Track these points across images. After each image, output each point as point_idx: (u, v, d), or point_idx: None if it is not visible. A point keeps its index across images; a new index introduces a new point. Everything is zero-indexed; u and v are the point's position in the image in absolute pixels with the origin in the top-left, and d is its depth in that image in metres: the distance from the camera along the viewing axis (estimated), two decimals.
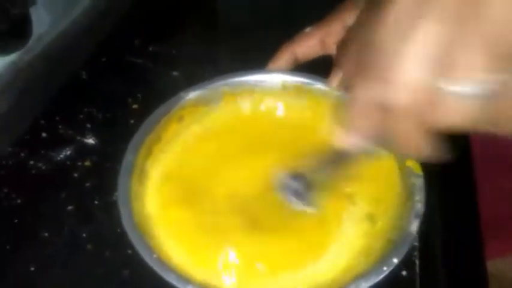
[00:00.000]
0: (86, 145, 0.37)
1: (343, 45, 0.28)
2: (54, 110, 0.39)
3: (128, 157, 0.29)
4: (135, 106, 0.41)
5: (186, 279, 0.24)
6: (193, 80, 0.44)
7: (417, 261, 0.30)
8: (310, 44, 0.32)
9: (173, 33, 0.49)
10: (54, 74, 0.36)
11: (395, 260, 0.24)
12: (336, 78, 0.31)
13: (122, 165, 0.29)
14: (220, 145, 0.32)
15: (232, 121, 0.34)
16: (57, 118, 0.39)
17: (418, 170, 0.27)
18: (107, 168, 0.36)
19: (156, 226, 0.28)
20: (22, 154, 0.36)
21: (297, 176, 0.25)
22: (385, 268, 0.24)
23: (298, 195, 0.25)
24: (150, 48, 0.47)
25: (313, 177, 0.25)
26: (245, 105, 0.34)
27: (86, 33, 0.38)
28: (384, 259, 0.24)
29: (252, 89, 0.33)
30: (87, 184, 0.34)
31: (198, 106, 0.33)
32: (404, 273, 0.29)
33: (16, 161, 0.35)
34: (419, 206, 0.26)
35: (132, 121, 0.40)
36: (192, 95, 0.33)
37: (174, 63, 0.46)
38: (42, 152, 0.37)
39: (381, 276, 0.23)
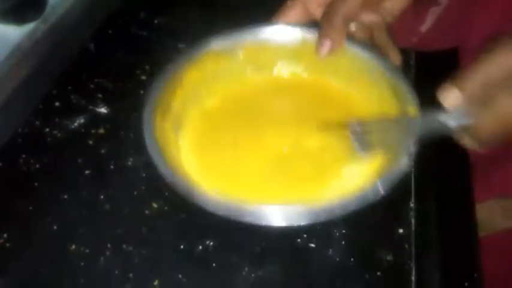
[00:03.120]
0: (99, 114, 0.39)
1: None
2: (65, 80, 0.40)
3: (151, 94, 0.31)
4: (143, 77, 0.43)
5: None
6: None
7: (413, 220, 0.32)
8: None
9: (178, 5, 0.49)
10: (67, 44, 0.37)
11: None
12: None
13: (146, 102, 0.30)
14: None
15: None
16: (69, 88, 0.40)
17: None
18: (120, 136, 0.38)
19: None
20: (37, 122, 0.37)
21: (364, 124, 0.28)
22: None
23: (359, 140, 0.28)
24: (156, 21, 0.48)
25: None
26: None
27: (97, 4, 0.39)
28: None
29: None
30: (102, 151, 0.36)
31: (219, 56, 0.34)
32: (400, 231, 0.32)
33: (32, 129, 0.37)
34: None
35: (141, 91, 0.41)
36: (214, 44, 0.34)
37: (180, 36, 0.47)
38: (57, 120, 0.38)
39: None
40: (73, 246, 0.30)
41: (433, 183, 0.34)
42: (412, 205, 0.33)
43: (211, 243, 0.31)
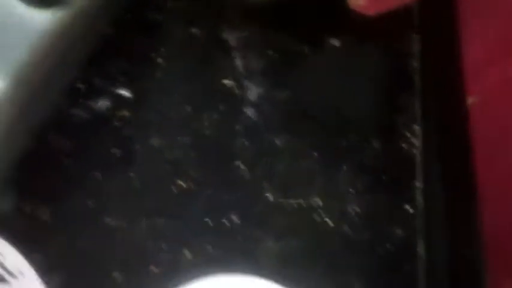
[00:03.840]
0: (121, 96, 0.41)
1: None
2: (87, 63, 0.42)
3: None
4: (159, 60, 0.44)
5: None
6: (213, 37, 0.47)
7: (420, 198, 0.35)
8: None
9: None
10: (91, 29, 0.39)
11: None
12: None
13: None
14: None
15: None
16: (92, 71, 0.42)
17: None
18: (143, 118, 0.39)
19: None
20: (64, 105, 0.39)
21: None
22: None
23: None
24: (169, 5, 0.49)
25: None
26: None
27: None
28: None
29: None
30: (127, 132, 0.38)
31: None
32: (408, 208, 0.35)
33: (59, 110, 0.38)
34: None
35: (159, 75, 0.43)
36: None
37: (192, 19, 0.48)
38: (82, 101, 0.40)
39: None
40: (110, 220, 0.32)
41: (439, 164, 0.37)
42: (418, 184, 0.36)
43: (235, 217, 0.33)
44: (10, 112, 0.31)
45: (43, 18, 0.33)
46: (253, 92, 0.42)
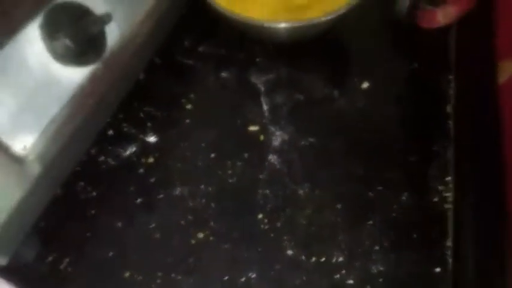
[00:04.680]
0: (148, 143, 0.42)
1: None
2: (117, 109, 0.43)
3: None
4: (188, 106, 0.45)
5: None
6: (242, 81, 0.47)
7: (450, 260, 0.33)
8: None
9: (220, 33, 0.51)
10: (123, 80, 0.40)
11: None
12: None
13: None
14: None
15: None
16: (121, 117, 0.43)
17: None
18: (169, 165, 0.40)
19: None
20: (93, 151, 0.40)
21: None
22: None
23: None
24: (200, 49, 0.50)
25: None
26: None
27: (149, 40, 0.41)
28: None
29: None
30: (152, 179, 0.39)
31: None
32: (437, 270, 0.33)
33: (88, 157, 0.40)
34: None
35: (187, 121, 0.44)
36: None
37: (222, 64, 0.49)
38: (110, 148, 0.41)
39: None
40: (127, 273, 0.32)
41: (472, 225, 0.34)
42: (449, 244, 0.34)
43: (254, 276, 0.33)
44: (39, 167, 0.32)
45: (77, 75, 0.35)
46: (278, 138, 0.42)
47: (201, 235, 0.35)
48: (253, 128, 0.43)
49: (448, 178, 0.37)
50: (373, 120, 0.43)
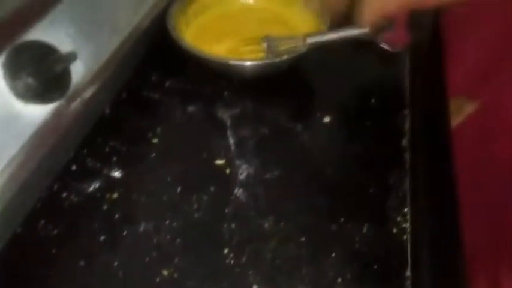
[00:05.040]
0: (113, 178, 0.41)
1: None
2: (81, 143, 0.43)
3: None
4: (155, 140, 0.45)
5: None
6: (208, 115, 0.48)
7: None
8: None
9: (188, 68, 0.52)
10: (88, 115, 0.40)
11: None
12: None
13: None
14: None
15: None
16: (85, 151, 0.43)
17: None
18: (133, 200, 0.40)
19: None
20: (55, 187, 0.40)
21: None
22: None
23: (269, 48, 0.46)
24: (167, 84, 0.51)
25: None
26: None
27: (115, 76, 0.42)
28: None
29: None
30: (116, 216, 0.38)
31: None
32: None
33: (50, 193, 0.39)
34: None
35: (153, 155, 0.44)
36: None
37: (190, 99, 0.50)
38: (73, 184, 0.40)
39: None
40: None
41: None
42: (408, 274, 0.35)
43: None
44: None
45: (40, 112, 0.35)
46: (244, 171, 0.43)
47: (165, 272, 0.35)
48: (219, 162, 0.43)
49: (406, 209, 0.39)
50: (334, 153, 0.45)
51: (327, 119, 0.47)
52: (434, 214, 0.39)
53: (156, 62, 0.53)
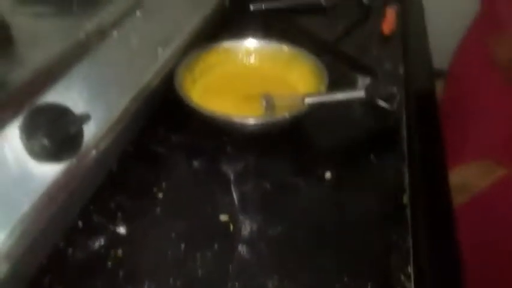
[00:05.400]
0: (118, 234, 0.42)
1: None
2: (88, 199, 0.44)
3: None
4: (160, 195, 0.46)
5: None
6: (212, 170, 0.49)
7: None
8: None
9: (194, 123, 0.54)
10: (97, 173, 0.41)
11: None
12: None
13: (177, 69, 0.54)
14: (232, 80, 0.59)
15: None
16: (91, 207, 0.44)
17: None
18: (138, 258, 0.40)
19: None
20: (61, 244, 0.40)
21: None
22: None
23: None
24: (173, 138, 0.53)
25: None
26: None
27: (124, 133, 0.43)
28: None
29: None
30: (121, 273, 0.38)
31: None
32: None
33: (56, 250, 0.39)
34: None
35: (158, 210, 0.45)
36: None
37: (194, 153, 0.51)
38: (79, 240, 0.41)
39: None
40: None
41: None
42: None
43: None
44: (6, 265, 0.32)
45: (51, 171, 0.36)
46: (247, 227, 0.43)
47: None
48: (223, 217, 0.44)
49: (409, 268, 0.39)
50: (335, 210, 0.46)
51: (328, 175, 0.48)
52: (437, 274, 0.39)
53: (162, 116, 0.54)
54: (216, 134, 0.52)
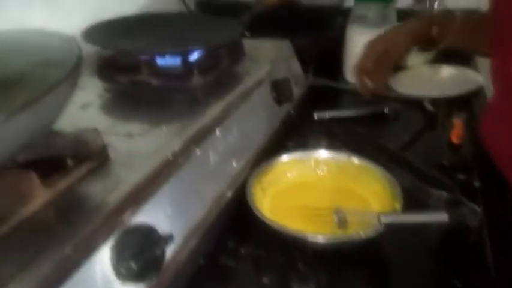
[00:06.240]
0: None
1: None
2: None
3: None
4: None
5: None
6: (280, 285, 0.48)
7: None
8: None
9: (263, 235, 0.54)
10: None
11: None
12: None
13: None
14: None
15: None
16: None
17: None
18: None
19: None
20: None
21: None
22: None
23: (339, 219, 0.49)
24: (242, 251, 0.53)
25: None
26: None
27: (200, 248, 0.44)
28: None
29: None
30: None
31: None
32: None
33: None
34: None
35: None
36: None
37: (264, 268, 0.50)
38: None
39: None
40: None
41: None
42: None
43: None
44: None
45: None
46: None
47: None
48: None
49: None
50: None
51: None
52: None
53: (232, 228, 0.55)
54: (287, 248, 0.52)
